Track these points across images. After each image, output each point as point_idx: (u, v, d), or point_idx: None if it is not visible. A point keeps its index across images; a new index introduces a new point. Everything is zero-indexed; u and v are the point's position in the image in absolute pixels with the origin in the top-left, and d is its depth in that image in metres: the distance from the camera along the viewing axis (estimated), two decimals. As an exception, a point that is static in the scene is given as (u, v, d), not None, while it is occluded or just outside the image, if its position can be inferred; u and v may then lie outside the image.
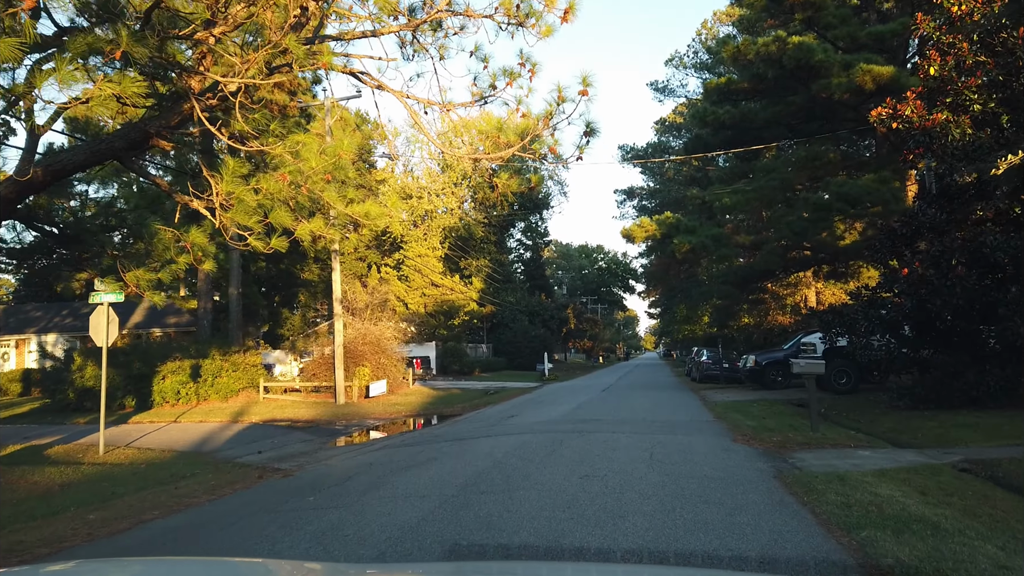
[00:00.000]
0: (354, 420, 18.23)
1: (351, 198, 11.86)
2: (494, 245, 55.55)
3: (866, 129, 24.59)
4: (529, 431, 11.99)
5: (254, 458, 11.88)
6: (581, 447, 9.68)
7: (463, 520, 5.56)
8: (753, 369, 21.46)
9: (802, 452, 9.25)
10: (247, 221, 8.96)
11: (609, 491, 6.59)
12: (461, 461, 8.85)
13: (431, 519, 5.64)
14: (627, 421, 13.21)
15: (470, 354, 43.15)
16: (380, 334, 24.62)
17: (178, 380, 22.55)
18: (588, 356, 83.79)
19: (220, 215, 8.84)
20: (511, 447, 9.91)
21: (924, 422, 11.52)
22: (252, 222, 9.00)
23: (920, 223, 13.94)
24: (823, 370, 10.61)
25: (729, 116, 23.42)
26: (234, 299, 24.43)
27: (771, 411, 14.82)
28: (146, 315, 33.84)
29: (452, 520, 5.57)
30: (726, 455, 8.91)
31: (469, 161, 10.15)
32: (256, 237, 8.91)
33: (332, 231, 11.76)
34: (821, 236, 22.94)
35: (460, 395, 25.33)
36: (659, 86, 49.23)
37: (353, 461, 10.24)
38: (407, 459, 9.56)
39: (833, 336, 14.87)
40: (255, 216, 9.02)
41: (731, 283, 27.17)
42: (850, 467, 7.96)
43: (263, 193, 9.26)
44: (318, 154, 9.77)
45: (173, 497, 7.36)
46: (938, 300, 12.25)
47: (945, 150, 12.67)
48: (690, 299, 48.89)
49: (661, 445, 9.80)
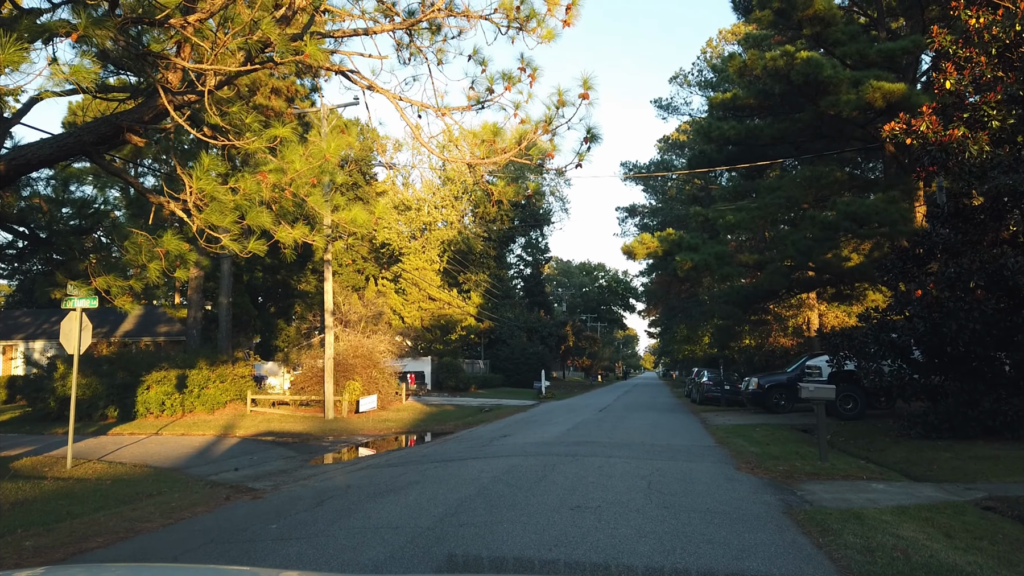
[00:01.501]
0: (342, 436, 17.57)
1: (338, 204, 11.29)
2: (493, 260, 55.03)
3: (874, 148, 24.15)
4: (520, 453, 11.35)
5: (230, 476, 11.24)
6: (574, 473, 9.04)
7: (434, 559, 4.93)
8: (756, 392, 20.81)
9: (811, 484, 8.61)
10: (221, 222, 8.38)
11: (602, 526, 5.96)
12: (444, 486, 8.21)
13: (400, 557, 5.01)
14: (624, 444, 12.56)
15: (466, 370, 42.45)
16: (372, 347, 23.99)
17: (163, 391, 21.90)
18: (586, 374, 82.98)
19: (194, 216, 8.26)
20: (499, 471, 9.27)
21: (938, 453, 10.87)
22: (227, 223, 8.42)
23: (933, 243, 13.37)
24: (833, 395, 10.01)
25: (734, 132, 22.94)
26: (224, 308, 23.83)
27: (775, 436, 14.17)
28: (137, 323, 33.24)
29: (422, 559, 4.94)
30: (730, 485, 8.27)
31: (463, 166, 9.61)
32: (233, 239, 8.34)
33: (318, 237, 11.22)
34: (826, 257, 22.37)
35: (453, 412, 24.67)
36: (663, 104, 48.91)
37: (331, 482, 9.60)
38: (388, 482, 8.92)
39: (841, 360, 14.24)
40: (230, 217, 8.44)
41: (733, 303, 26.56)
42: (865, 502, 7.33)
43: (241, 194, 8.70)
44: (303, 157, 9.27)
45: (125, 521, 6.73)
46: (954, 324, 11.64)
47: (962, 167, 12.13)
48: (691, 319, 48.29)
49: (660, 473, 9.16)
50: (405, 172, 54.99)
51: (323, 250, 10.22)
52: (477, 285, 49.80)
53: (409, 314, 39.76)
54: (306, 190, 10.77)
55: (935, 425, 12.34)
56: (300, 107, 23.96)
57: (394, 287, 41.32)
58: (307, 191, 10.79)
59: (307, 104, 25.30)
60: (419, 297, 40.53)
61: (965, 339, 11.61)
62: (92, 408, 21.71)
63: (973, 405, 12.01)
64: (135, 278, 8.76)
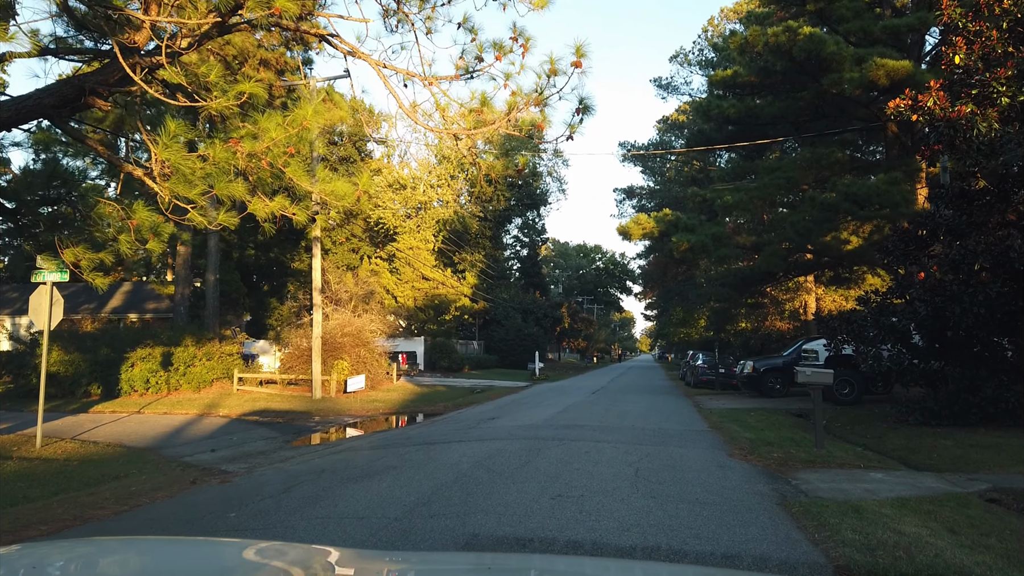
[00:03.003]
0: (328, 417, 17.20)
1: (321, 176, 10.82)
2: (489, 240, 54.49)
3: (876, 129, 23.62)
4: (507, 437, 10.97)
5: (204, 457, 10.85)
6: (560, 458, 8.65)
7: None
8: (751, 375, 20.46)
9: (806, 472, 8.23)
10: (188, 192, 7.87)
11: (583, 517, 5.57)
12: (422, 472, 7.82)
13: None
14: (614, 428, 12.19)
15: (460, 351, 42.11)
16: (362, 326, 23.58)
17: (148, 368, 21.49)
18: (582, 356, 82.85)
19: (159, 183, 7.77)
20: (482, 456, 8.89)
21: (938, 440, 10.51)
22: (194, 193, 7.92)
23: (936, 225, 12.93)
24: (832, 380, 9.62)
25: (734, 111, 22.38)
26: (211, 285, 23.35)
27: (770, 421, 13.81)
28: (126, 299, 32.74)
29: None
30: (721, 473, 7.89)
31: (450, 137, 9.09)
32: (201, 211, 7.86)
33: (298, 211, 10.76)
34: (826, 239, 21.91)
35: (444, 393, 24.32)
36: (663, 83, 48.14)
37: (307, 465, 9.21)
38: (364, 466, 8.53)
39: (839, 343, 13.85)
40: (198, 187, 7.94)
41: (730, 285, 26.14)
42: (863, 493, 6.95)
43: (211, 162, 8.21)
44: (281, 125, 8.77)
45: (77, 507, 6.32)
46: (957, 308, 11.24)
47: (970, 145, 11.65)
48: (687, 302, 47.91)
49: (649, 459, 8.78)
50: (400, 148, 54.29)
51: (305, 224, 9.82)
52: (472, 265, 49.30)
53: (402, 294, 39.31)
54: (284, 160, 10.27)
55: (935, 411, 11.97)
56: (290, 80, 23.34)
57: (387, 266, 40.81)
58: (285, 161, 10.28)
59: (297, 78, 24.66)
60: (413, 277, 40.06)
61: (968, 323, 11.21)
62: (75, 385, 21.31)
63: (974, 391, 11.64)
64: (106, 251, 8.31)
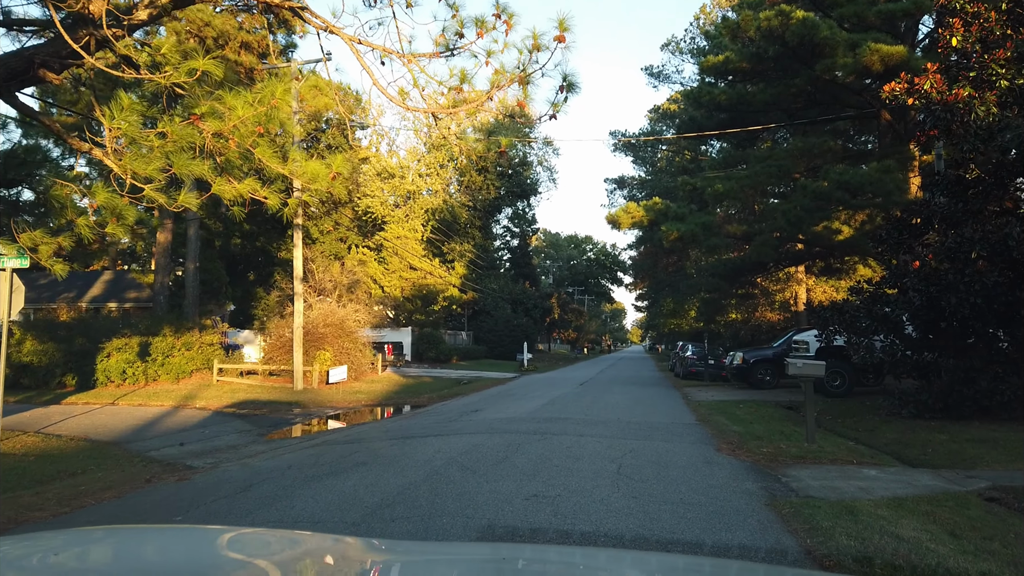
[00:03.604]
0: (307, 409, 16.75)
1: (295, 158, 10.32)
2: (479, 230, 53.99)
3: (868, 117, 23.26)
4: (487, 431, 10.56)
5: (171, 452, 10.41)
6: (539, 454, 8.25)
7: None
8: (740, 367, 20.13)
9: (797, 468, 7.86)
10: (144, 170, 7.40)
11: (558, 521, 5.16)
12: (392, 469, 7.40)
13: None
14: (599, 422, 11.80)
15: (449, 341, 41.66)
16: (346, 316, 23.09)
17: (124, 358, 20.97)
18: (572, 347, 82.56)
19: (113, 159, 7.29)
20: (458, 451, 8.47)
21: (932, 435, 10.18)
22: (151, 170, 7.44)
23: (931, 212, 12.57)
24: (823, 372, 9.26)
25: (725, 97, 21.96)
26: (190, 273, 22.80)
27: (759, 414, 13.47)
28: (106, 288, 32.13)
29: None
30: (708, 470, 7.51)
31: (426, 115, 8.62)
32: (161, 190, 7.39)
33: (270, 194, 10.29)
34: (817, 228, 21.56)
35: (430, 384, 23.91)
36: (654, 71, 47.63)
37: (275, 461, 8.78)
38: (333, 462, 8.11)
39: (830, 334, 13.50)
40: (155, 164, 7.46)
41: (720, 275, 25.80)
42: (857, 492, 6.58)
43: (171, 140, 7.73)
44: (248, 103, 8.28)
45: (14, 509, 5.86)
46: (953, 297, 10.89)
47: (967, 130, 11.28)
48: (677, 293, 47.66)
49: (633, 454, 8.39)
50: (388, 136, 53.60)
51: (279, 209, 9.37)
52: (461, 255, 48.80)
53: (389, 283, 38.78)
54: (252, 140, 9.79)
55: (928, 404, 11.64)
56: (272, 63, 22.75)
57: (375, 256, 40.26)
58: (254, 141, 9.81)
59: (281, 61, 24.07)
60: (400, 266, 39.53)
61: (964, 313, 10.87)
62: (49, 376, 20.78)
63: (969, 384, 11.31)
64: (65, 235, 7.85)
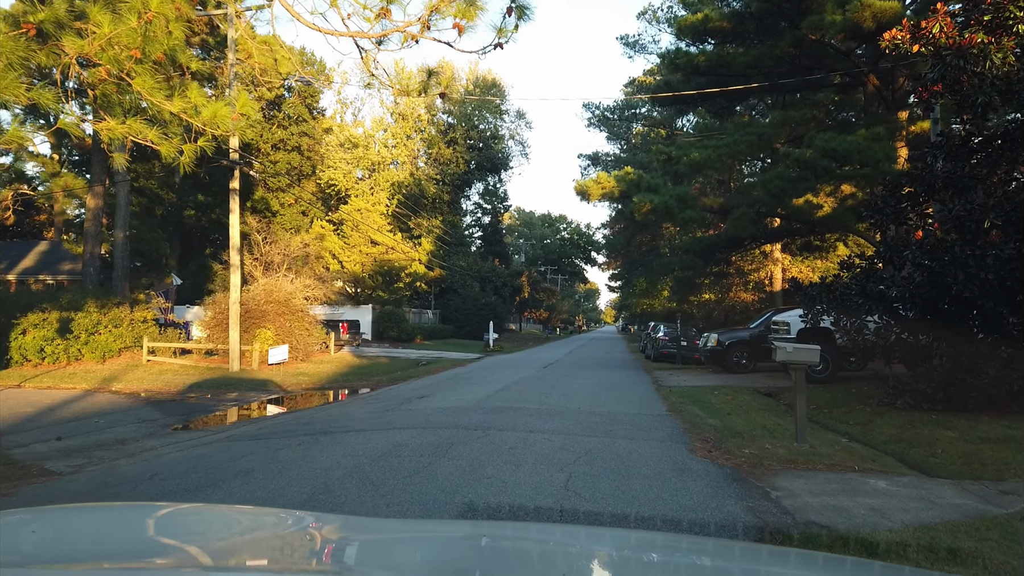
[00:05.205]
0: (236, 394, 15.03)
1: (192, 97, 8.49)
2: (447, 205, 52.14)
3: (854, 84, 21.83)
4: (421, 424, 8.96)
5: (41, 448, 8.67)
6: (473, 458, 6.67)
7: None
8: (715, 349, 18.75)
9: (788, 477, 6.39)
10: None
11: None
12: (276, 482, 5.77)
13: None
14: (556, 412, 10.26)
15: (413, 320, 39.95)
16: (292, 292, 21.27)
17: (42, 335, 19.02)
18: (545, 327, 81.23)
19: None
20: (373, 454, 6.86)
21: (937, 430, 8.79)
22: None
23: (934, 178, 11.13)
24: (817, 358, 7.82)
25: (704, 59, 20.38)
26: (120, 243, 20.77)
27: (737, 403, 12.06)
28: (39, 260, 29.87)
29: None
30: (680, 482, 5.99)
31: (336, 38, 6.84)
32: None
33: (158, 138, 8.54)
34: (799, 202, 20.19)
35: (385, 365, 22.26)
36: (629, 41, 45.81)
37: (152, 463, 7.12)
38: (212, 469, 6.46)
39: (817, 314, 12.09)
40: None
41: (695, 252, 24.36)
42: (869, 515, 5.10)
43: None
44: (119, 19, 6.56)
45: None
46: (960, 273, 9.48)
47: (982, 80, 9.80)
48: (650, 272, 46.38)
49: (589, 458, 6.85)
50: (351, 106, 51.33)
51: (175, 158, 7.71)
52: (429, 231, 46.95)
53: (349, 259, 36.83)
54: (127, 66, 7.96)
55: (927, 394, 10.27)
56: (210, 11, 20.65)
57: (332, 228, 38.25)
58: (128, 67, 7.98)
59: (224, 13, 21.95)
60: (361, 241, 37.59)
61: (973, 291, 9.47)
62: (-45, 354, 18.80)
63: (974, 371, 9.96)
64: None
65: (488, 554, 1.91)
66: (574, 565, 1.86)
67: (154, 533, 1.88)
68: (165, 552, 1.76)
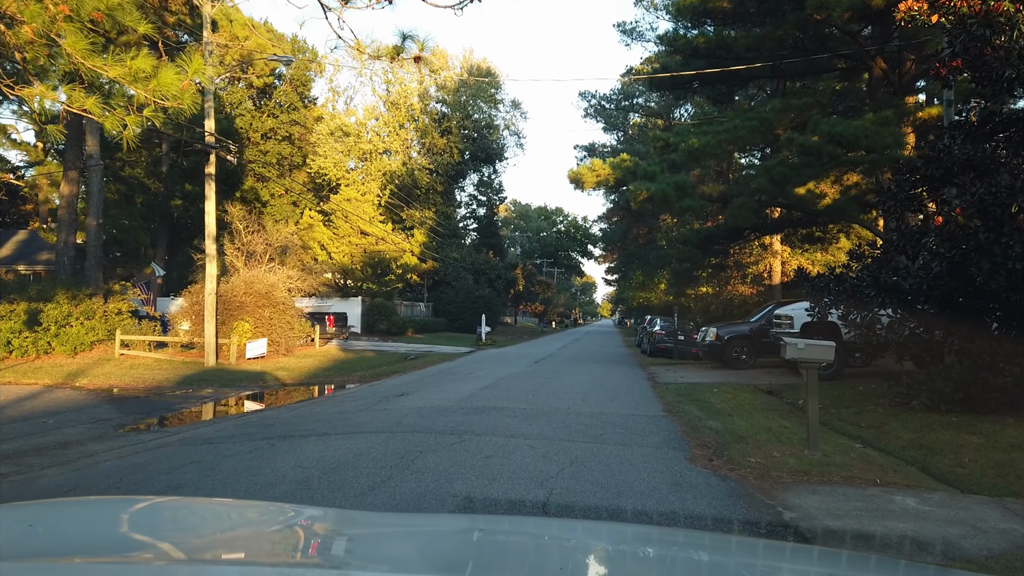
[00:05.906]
0: (209, 390, 14.18)
1: (138, 67, 7.62)
2: (441, 196, 51.20)
3: (860, 68, 20.99)
4: (391, 428, 8.13)
5: (-31, 453, 7.81)
6: (442, 469, 5.85)
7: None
8: (713, 344, 17.93)
9: (801, 492, 5.58)
10: None
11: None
12: (221, 494, 4.95)
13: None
14: (543, 413, 9.44)
15: (404, 313, 39.07)
16: (273, 284, 20.41)
17: (9, 327, 18.15)
18: (540, 321, 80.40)
19: None
20: (330, 464, 6.04)
21: (960, 435, 7.99)
22: None
23: (952, 161, 10.29)
24: (832, 356, 7.02)
25: (703, 41, 19.50)
26: (93, 232, 19.87)
27: (738, 402, 11.26)
28: (17, 249, 28.96)
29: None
30: (678, 500, 5.17)
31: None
32: None
33: (95, 106, 7.69)
34: (801, 191, 19.35)
35: (370, 360, 21.41)
36: (627, 28, 44.78)
37: (80, 474, 6.30)
38: (143, 482, 5.64)
39: (825, 307, 11.28)
40: None
41: (693, 244, 23.54)
42: (904, 546, 4.29)
43: None
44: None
45: None
46: (985, 262, 8.66)
47: (1009, 52, 8.97)
48: (647, 265, 45.58)
49: (575, 469, 6.03)
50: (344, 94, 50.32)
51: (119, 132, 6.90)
52: (422, 223, 46.02)
53: (337, 249, 35.92)
54: (53, 25, 7.07)
55: (945, 394, 9.48)
56: None
57: (321, 219, 37.33)
58: (56, 26, 7.09)
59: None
60: (350, 231, 36.67)
61: (998, 283, 8.66)
62: (-84, 347, 17.92)
63: (996, 370, 9.17)
64: None
65: (484, 547, 1.87)
66: (570, 560, 1.84)
67: (127, 529, 1.82)
68: (143, 547, 1.71)
